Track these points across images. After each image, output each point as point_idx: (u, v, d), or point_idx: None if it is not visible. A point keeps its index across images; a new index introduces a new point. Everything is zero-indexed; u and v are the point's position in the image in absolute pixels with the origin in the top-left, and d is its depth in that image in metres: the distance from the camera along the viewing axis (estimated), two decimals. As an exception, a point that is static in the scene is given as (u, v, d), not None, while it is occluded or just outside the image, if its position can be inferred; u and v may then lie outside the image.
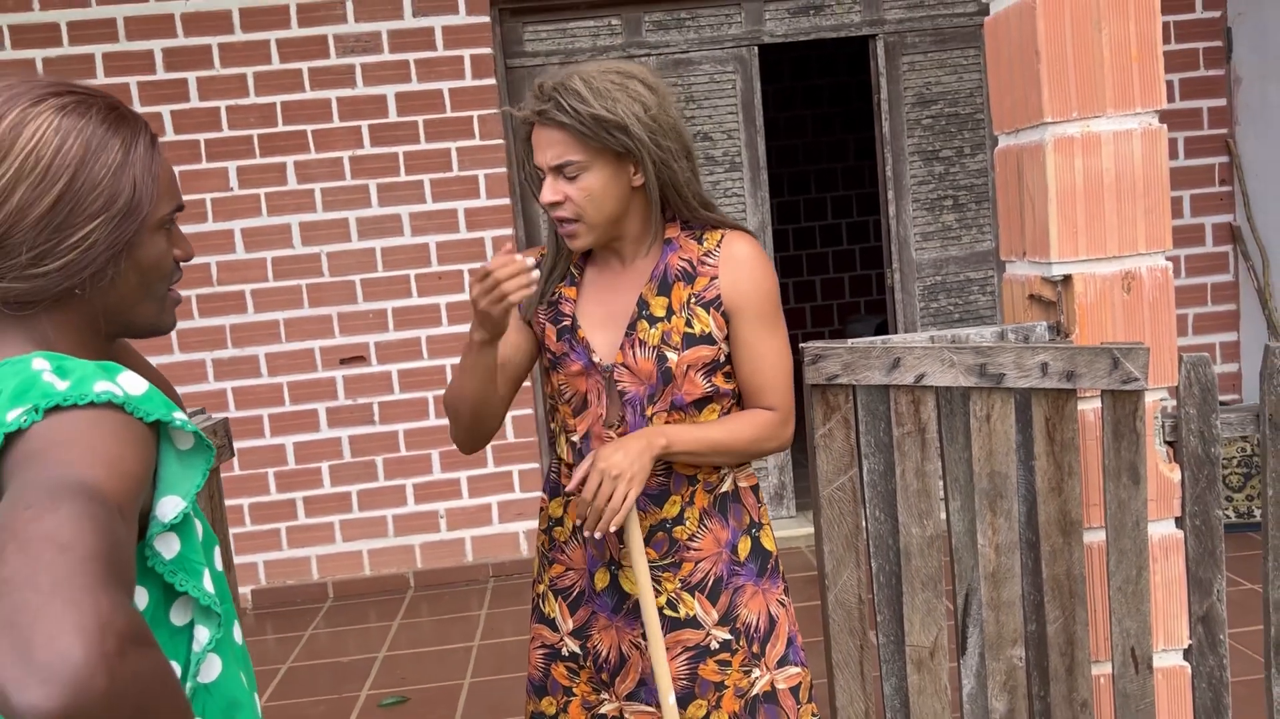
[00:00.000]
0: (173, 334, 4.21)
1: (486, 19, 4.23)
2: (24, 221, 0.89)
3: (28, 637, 0.66)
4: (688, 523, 1.60)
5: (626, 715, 1.62)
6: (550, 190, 1.51)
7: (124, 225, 0.92)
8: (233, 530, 4.30)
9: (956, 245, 4.63)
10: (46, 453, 0.80)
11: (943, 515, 1.73)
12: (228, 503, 3.83)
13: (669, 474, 1.59)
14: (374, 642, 3.89)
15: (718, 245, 1.59)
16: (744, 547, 1.64)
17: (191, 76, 4.15)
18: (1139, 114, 1.70)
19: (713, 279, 1.57)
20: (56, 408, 0.83)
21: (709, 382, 1.57)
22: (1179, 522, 1.75)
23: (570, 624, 1.65)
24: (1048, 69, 1.68)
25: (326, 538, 4.38)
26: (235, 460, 4.28)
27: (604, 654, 1.63)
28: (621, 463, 1.47)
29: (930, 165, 4.58)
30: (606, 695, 1.64)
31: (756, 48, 4.46)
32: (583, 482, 1.51)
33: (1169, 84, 4.52)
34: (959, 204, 4.62)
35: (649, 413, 1.56)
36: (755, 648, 1.62)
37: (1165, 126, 1.71)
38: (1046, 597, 1.70)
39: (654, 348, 1.56)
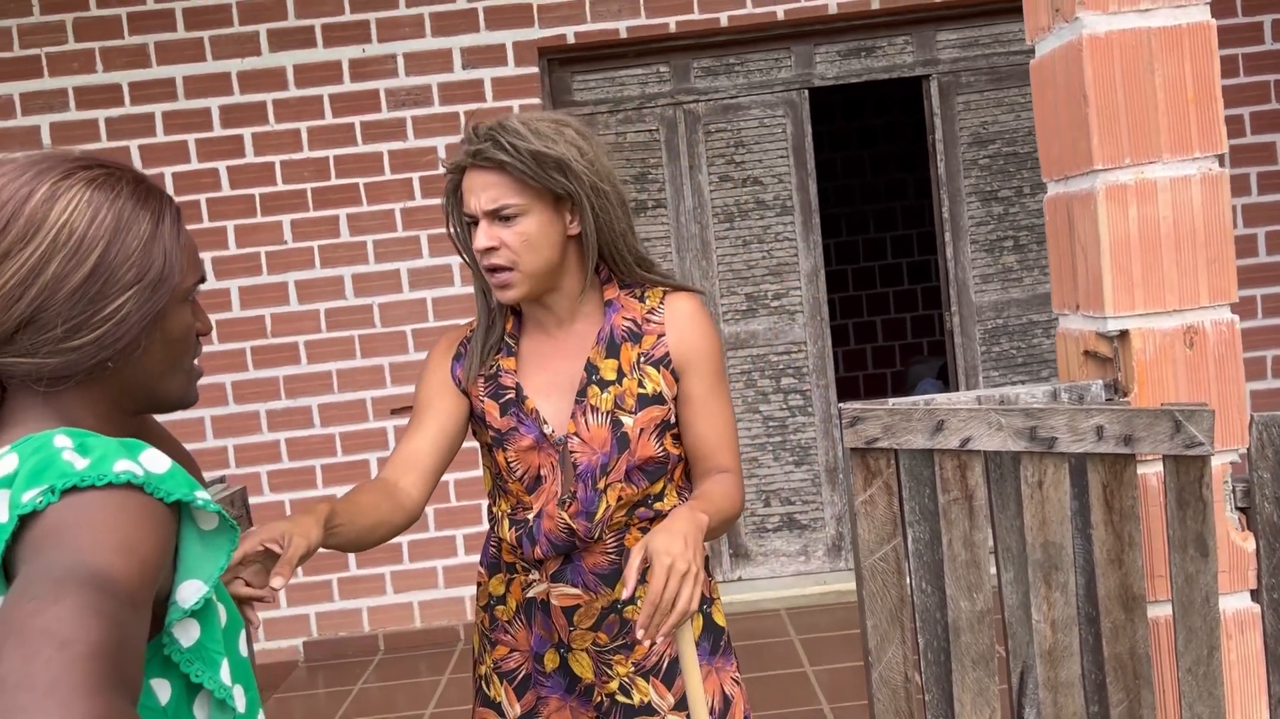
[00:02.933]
0: (227, 385, 4.26)
1: (535, 69, 4.25)
2: (59, 294, 0.88)
3: None
4: (639, 603, 1.50)
5: None
6: (485, 235, 1.44)
7: (155, 296, 0.92)
8: (285, 582, 4.30)
9: (1018, 287, 4.49)
10: (59, 536, 0.78)
11: (994, 588, 1.62)
12: (279, 555, 3.83)
13: (620, 552, 1.51)
14: (423, 696, 3.84)
15: (660, 303, 1.53)
16: (696, 624, 1.54)
17: (247, 132, 4.22)
18: (1197, 159, 1.60)
19: (660, 336, 1.51)
20: (74, 488, 0.80)
21: (659, 445, 1.50)
22: (1255, 594, 1.62)
23: (518, 709, 1.57)
24: (1097, 113, 1.59)
25: (377, 589, 4.36)
26: (288, 511, 4.29)
27: None
28: (687, 555, 1.29)
29: (989, 206, 4.46)
30: None
31: (807, 91, 4.41)
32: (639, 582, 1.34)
33: (1239, 118, 4.35)
34: (1020, 245, 4.48)
35: (602, 484, 1.48)
36: None
37: (1226, 171, 1.61)
38: (1109, 677, 1.58)
39: (607, 413, 1.48)
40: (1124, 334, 1.63)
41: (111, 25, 4.17)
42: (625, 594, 1.30)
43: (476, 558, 4.34)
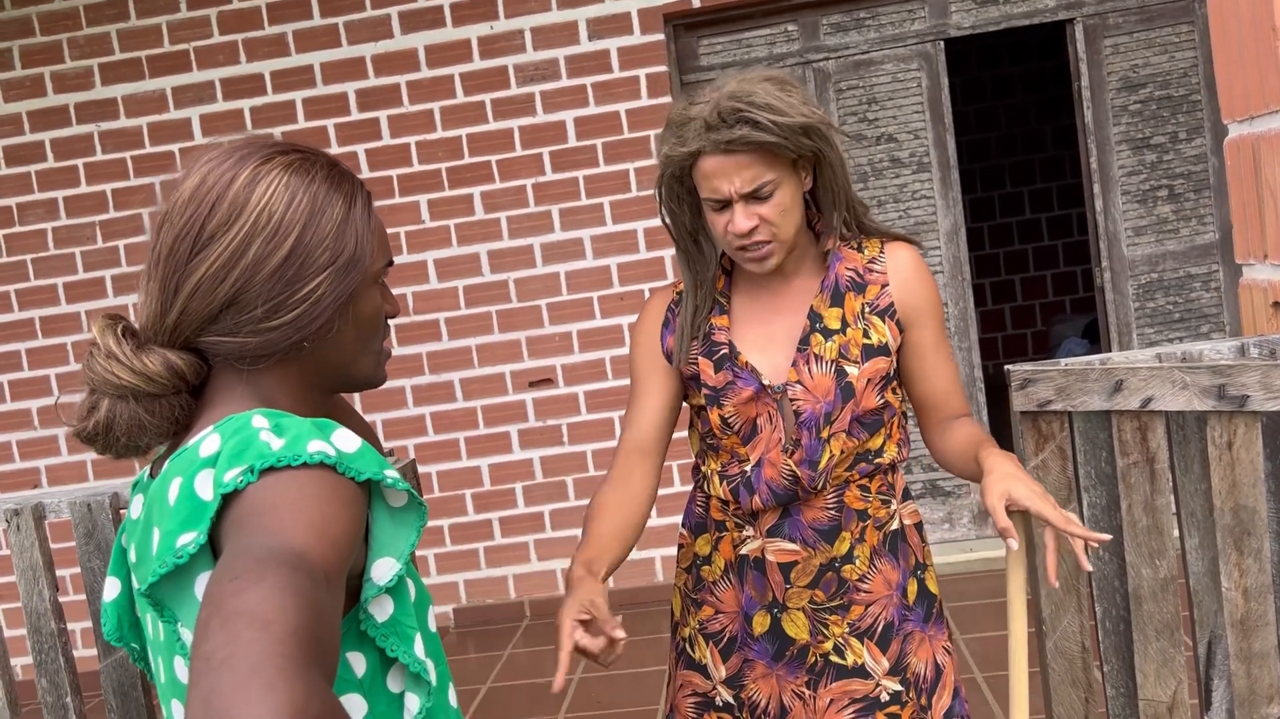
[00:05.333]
0: (373, 363, 4.39)
1: (660, 36, 4.21)
2: (259, 275, 0.91)
3: None
4: (858, 562, 1.50)
5: None
6: (743, 217, 1.41)
7: (347, 278, 0.94)
8: (434, 551, 4.44)
9: (1174, 239, 4.26)
10: (258, 517, 0.81)
11: (1176, 553, 1.54)
12: (429, 524, 3.95)
13: (840, 508, 1.49)
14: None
15: (880, 253, 1.52)
16: (912, 589, 1.53)
17: (383, 115, 4.33)
18: (1405, 89, 1.47)
19: (884, 287, 1.50)
20: (271, 468, 0.83)
21: (881, 396, 1.48)
22: None
23: (723, 672, 1.56)
24: (1288, 46, 1.48)
25: (522, 557, 4.46)
26: (435, 482, 4.42)
27: (762, 704, 1.53)
28: (1036, 487, 1.29)
29: (1140, 154, 4.23)
30: None
31: (942, 42, 4.25)
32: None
33: None
34: (1175, 194, 4.24)
35: (826, 434, 1.46)
36: (923, 699, 1.51)
37: None
38: (1309, 648, 1.49)
39: (831, 362, 1.47)
40: (1321, 283, 1.52)
41: (252, 16, 4.32)
42: (1014, 546, 1.28)
43: (617, 527, 4.38)
